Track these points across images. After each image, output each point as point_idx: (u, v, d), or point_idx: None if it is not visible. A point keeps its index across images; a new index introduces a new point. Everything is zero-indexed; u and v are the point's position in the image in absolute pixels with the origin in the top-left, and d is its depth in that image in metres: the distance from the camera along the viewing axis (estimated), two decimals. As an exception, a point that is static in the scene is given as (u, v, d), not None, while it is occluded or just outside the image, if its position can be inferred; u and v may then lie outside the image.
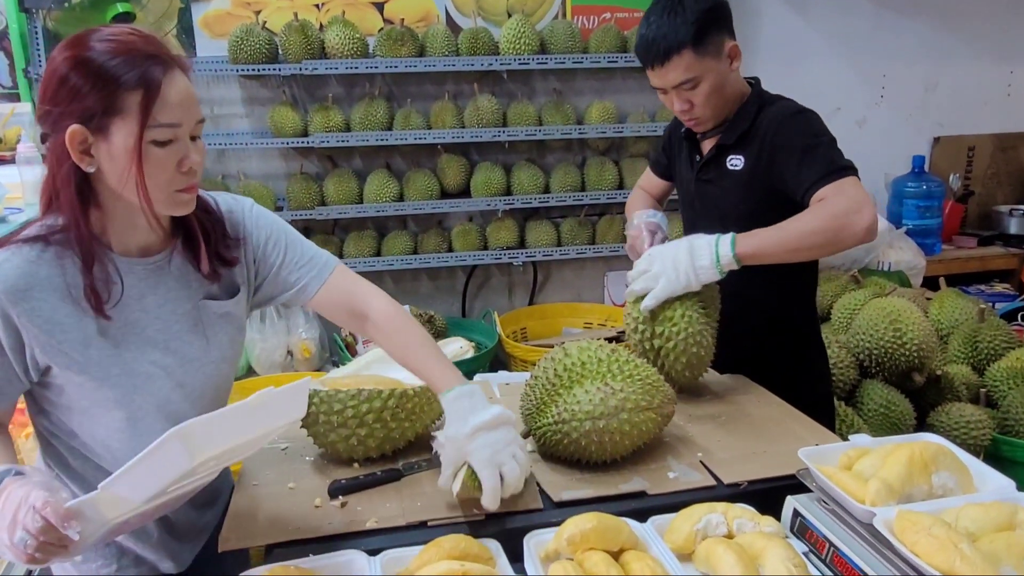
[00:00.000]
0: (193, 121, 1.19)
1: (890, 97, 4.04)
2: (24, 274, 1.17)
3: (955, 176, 4.11)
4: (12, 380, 1.21)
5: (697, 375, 1.65)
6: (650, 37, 1.63)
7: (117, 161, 1.15)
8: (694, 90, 1.66)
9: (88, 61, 1.12)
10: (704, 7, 1.61)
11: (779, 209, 1.63)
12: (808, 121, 1.67)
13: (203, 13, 3.26)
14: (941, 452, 1.16)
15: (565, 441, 1.34)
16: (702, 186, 1.83)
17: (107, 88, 1.11)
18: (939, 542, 0.95)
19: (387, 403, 1.37)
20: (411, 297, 3.68)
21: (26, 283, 1.16)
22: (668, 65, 1.63)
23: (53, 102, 1.14)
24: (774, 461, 1.39)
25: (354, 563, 1.14)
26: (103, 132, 1.13)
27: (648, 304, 1.57)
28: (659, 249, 1.61)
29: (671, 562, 1.11)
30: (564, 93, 3.61)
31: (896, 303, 2.62)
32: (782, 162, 1.65)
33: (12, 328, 1.16)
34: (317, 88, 3.41)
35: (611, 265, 3.89)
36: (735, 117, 1.74)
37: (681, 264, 1.55)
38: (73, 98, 1.12)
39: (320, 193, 3.37)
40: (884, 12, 3.91)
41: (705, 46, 1.62)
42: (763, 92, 1.78)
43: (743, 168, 1.73)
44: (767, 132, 1.68)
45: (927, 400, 2.67)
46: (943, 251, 3.93)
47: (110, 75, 1.11)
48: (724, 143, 1.75)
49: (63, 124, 1.13)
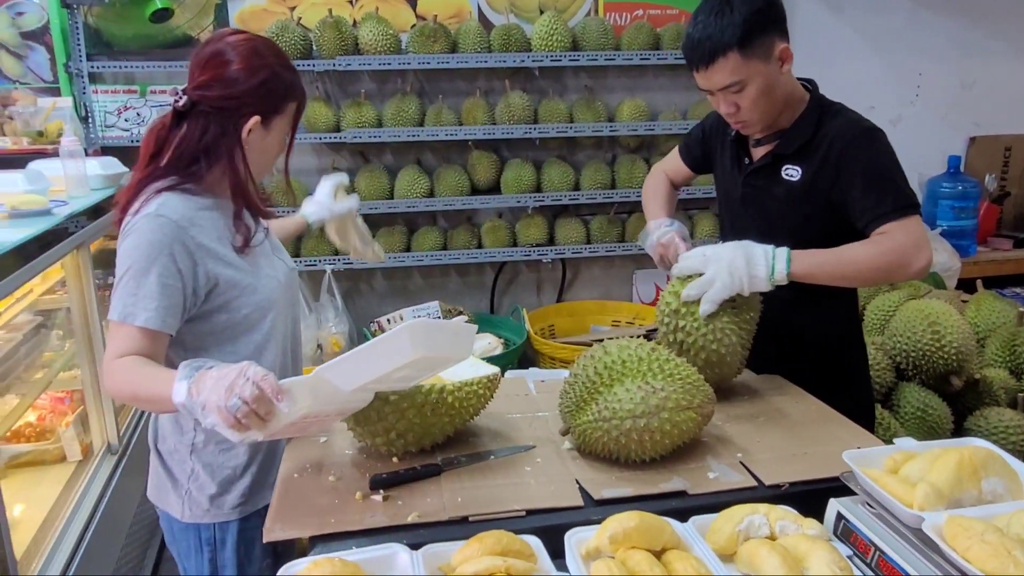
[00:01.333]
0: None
1: (925, 95, 3.98)
2: (187, 208, 1.45)
3: (991, 177, 4.04)
4: (184, 301, 1.42)
5: (722, 375, 1.62)
6: (696, 38, 1.58)
7: (267, 144, 1.53)
8: (740, 93, 1.60)
9: (276, 73, 1.48)
10: (753, 8, 1.54)
11: (830, 223, 1.63)
12: (880, 144, 1.62)
13: (239, 9, 3.30)
14: (991, 457, 1.14)
15: (605, 439, 1.34)
16: (750, 191, 1.78)
17: (281, 94, 1.50)
18: (992, 548, 0.94)
19: (428, 398, 1.38)
20: (440, 293, 3.69)
21: (189, 218, 1.44)
22: (713, 67, 1.57)
23: (248, 95, 1.46)
24: (815, 463, 1.37)
25: (396, 556, 1.14)
26: (267, 125, 1.50)
27: (706, 309, 1.55)
28: (714, 251, 1.58)
29: (714, 563, 1.10)
30: (595, 90, 3.60)
31: (934, 305, 2.58)
32: (847, 183, 1.61)
33: (187, 249, 1.42)
34: (350, 84, 3.43)
35: (640, 263, 3.88)
36: (794, 126, 1.69)
37: (737, 270, 1.53)
38: (262, 98, 1.47)
39: (351, 188, 3.38)
40: (919, 9, 3.85)
41: (752, 48, 1.55)
42: (823, 99, 1.71)
43: (800, 179, 1.68)
44: (833, 147, 1.63)
45: (964, 404, 2.63)
46: (978, 253, 3.87)
47: (289, 87, 1.51)
48: (781, 152, 1.70)
49: (248, 111, 1.46)
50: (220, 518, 1.53)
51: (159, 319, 1.38)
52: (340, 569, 1.07)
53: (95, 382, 2.41)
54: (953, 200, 3.79)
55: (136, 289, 1.37)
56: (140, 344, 1.36)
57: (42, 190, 2.19)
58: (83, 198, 2.32)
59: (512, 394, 1.74)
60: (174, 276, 1.40)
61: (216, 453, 1.52)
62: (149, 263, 1.38)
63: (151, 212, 1.41)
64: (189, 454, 1.53)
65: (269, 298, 1.54)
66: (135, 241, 1.40)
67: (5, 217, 2.00)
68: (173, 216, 1.42)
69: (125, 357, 1.34)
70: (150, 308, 1.37)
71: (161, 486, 1.58)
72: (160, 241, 1.39)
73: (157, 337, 1.39)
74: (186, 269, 1.42)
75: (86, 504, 2.22)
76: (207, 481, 1.52)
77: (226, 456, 1.53)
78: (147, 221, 1.40)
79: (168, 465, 1.56)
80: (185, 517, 1.54)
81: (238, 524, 1.53)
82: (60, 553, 1.99)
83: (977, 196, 3.83)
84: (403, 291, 3.73)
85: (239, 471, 1.54)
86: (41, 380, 2.33)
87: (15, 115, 3.00)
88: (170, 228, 1.41)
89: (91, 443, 2.46)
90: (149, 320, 1.37)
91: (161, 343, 1.40)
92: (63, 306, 2.48)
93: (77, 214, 2.14)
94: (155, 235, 1.39)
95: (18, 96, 3.11)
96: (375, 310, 3.60)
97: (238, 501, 1.54)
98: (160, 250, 1.39)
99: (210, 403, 1.12)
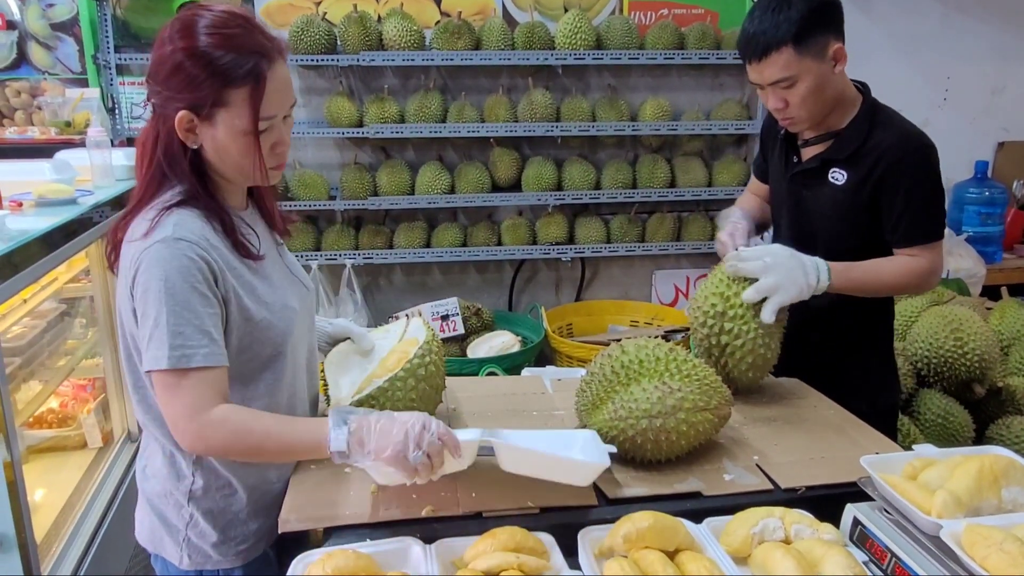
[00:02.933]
0: (288, 106, 1.30)
1: (954, 99, 3.93)
2: (199, 227, 1.26)
3: (1019, 183, 3.97)
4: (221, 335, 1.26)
5: (759, 377, 1.64)
6: (751, 31, 1.60)
7: (219, 145, 1.26)
8: (791, 89, 1.61)
9: (201, 54, 1.21)
10: (812, 5, 1.56)
11: (866, 230, 1.69)
12: (929, 166, 1.64)
13: (265, 3, 3.32)
14: (1012, 466, 1.13)
15: (621, 438, 1.34)
16: (796, 190, 1.79)
17: (218, 83, 1.21)
18: (1011, 558, 0.93)
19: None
20: (459, 289, 3.70)
21: (202, 233, 1.25)
22: (766, 61, 1.58)
23: (165, 86, 1.23)
24: (833, 468, 1.36)
25: (410, 550, 1.15)
26: (209, 120, 1.24)
27: (768, 316, 1.54)
28: (775, 259, 1.57)
29: (728, 564, 1.10)
30: (619, 89, 3.58)
31: (957, 311, 2.55)
32: (890, 196, 1.64)
33: (211, 269, 1.24)
34: (373, 79, 3.44)
35: (659, 264, 3.86)
36: (845, 132, 1.69)
37: (799, 280, 1.55)
38: (185, 87, 1.22)
39: (373, 183, 3.40)
40: (950, 12, 3.80)
41: (807, 45, 1.57)
42: (875, 103, 1.71)
43: (845, 183, 1.69)
44: (883, 157, 1.64)
45: (986, 412, 2.60)
46: (1004, 260, 3.81)
47: (221, 71, 1.21)
48: (831, 157, 1.71)
49: (173, 107, 1.23)
50: (224, 565, 1.39)
51: (220, 354, 1.22)
52: (353, 561, 1.08)
53: (116, 370, 2.44)
54: (980, 206, 3.74)
55: (181, 326, 1.19)
56: (217, 387, 1.21)
57: (68, 180, 2.22)
58: (108, 188, 2.35)
59: (529, 392, 1.74)
60: (212, 303, 1.24)
61: (217, 499, 1.36)
62: (186, 294, 1.20)
63: (168, 236, 1.22)
64: (187, 501, 1.35)
65: (284, 332, 1.36)
66: (156, 272, 1.20)
67: (32, 205, 2.03)
68: (192, 238, 1.23)
69: (219, 408, 1.19)
70: (207, 342, 1.20)
71: (155, 531, 1.40)
72: (187, 268, 1.21)
73: (224, 373, 1.23)
74: (210, 289, 1.24)
75: (106, 490, 2.25)
76: (207, 528, 1.36)
77: (227, 501, 1.37)
78: (164, 248, 1.21)
79: (161, 510, 1.38)
80: (184, 564, 1.38)
81: (242, 570, 1.40)
82: (80, 538, 2.02)
83: (1004, 202, 3.78)
84: (422, 287, 3.74)
85: (242, 515, 1.38)
86: (64, 367, 2.37)
87: (43, 105, 3.05)
88: (194, 251, 1.22)
89: (111, 430, 2.49)
90: (209, 357, 1.20)
91: (225, 381, 1.24)
92: (87, 294, 2.51)
93: (102, 204, 2.17)
94: (181, 261, 1.21)
95: (47, 87, 3.16)
96: (394, 305, 3.61)
97: (243, 546, 1.39)
98: (191, 276, 1.21)
99: (386, 453, 1.16)
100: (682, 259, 3.83)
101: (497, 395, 1.71)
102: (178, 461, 1.35)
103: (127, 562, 2.24)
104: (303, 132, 3.35)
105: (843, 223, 1.71)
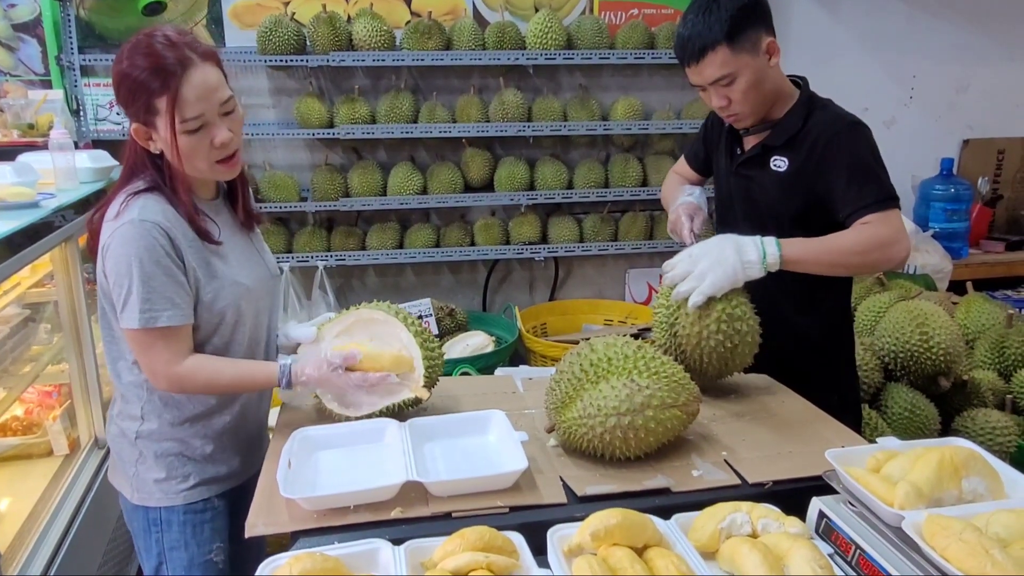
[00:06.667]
0: (216, 105, 1.45)
1: (919, 98, 3.99)
2: (162, 210, 1.47)
3: (984, 179, 4.04)
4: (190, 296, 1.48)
5: (730, 368, 1.63)
6: (686, 35, 1.66)
7: (166, 147, 1.46)
8: (731, 86, 1.66)
9: (128, 76, 1.41)
10: (739, 4, 1.61)
11: (815, 217, 1.66)
12: (863, 138, 1.66)
13: (233, 4, 3.28)
14: (972, 457, 1.15)
15: (590, 436, 1.34)
16: (740, 181, 1.83)
17: (143, 97, 1.41)
18: (970, 547, 0.94)
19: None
20: (432, 290, 3.69)
21: (164, 215, 1.46)
22: (703, 62, 1.64)
23: (121, 103, 1.47)
24: (799, 462, 1.38)
25: (379, 552, 1.14)
26: (154, 128, 1.45)
27: (696, 300, 1.54)
28: (700, 248, 1.59)
29: (695, 560, 1.10)
30: (590, 89, 3.59)
31: (923, 306, 2.58)
32: (831, 175, 1.66)
33: (172, 244, 1.45)
34: (344, 80, 3.42)
35: (633, 262, 3.88)
36: (784, 119, 1.74)
37: (728, 260, 1.54)
38: (128, 103, 1.45)
39: (344, 185, 3.38)
40: (916, 12, 3.85)
41: (740, 42, 1.62)
42: (813, 95, 1.77)
43: (786, 170, 1.73)
44: (818, 139, 1.68)
45: (952, 405, 2.64)
46: (970, 255, 3.88)
47: (143, 87, 1.41)
48: (770, 144, 1.75)
49: (130, 120, 1.47)
50: (165, 502, 1.57)
51: (182, 315, 1.46)
52: (321, 564, 1.07)
53: (82, 376, 2.40)
54: (946, 202, 3.80)
55: (148, 293, 1.42)
56: (185, 342, 1.48)
57: (30, 183, 2.17)
58: (72, 191, 2.30)
59: (500, 392, 1.74)
60: (173, 272, 1.45)
61: (163, 443, 1.57)
62: (151, 266, 1.42)
63: (134, 218, 1.43)
64: (135, 439, 1.57)
65: (228, 305, 1.54)
66: (127, 250, 1.42)
67: (-8, 209, 1.98)
68: (155, 218, 1.44)
69: (189, 359, 1.47)
70: (169, 306, 1.44)
71: (114, 466, 1.65)
72: (151, 245, 1.43)
73: (187, 331, 1.48)
74: (176, 265, 1.46)
75: (72, 499, 2.20)
76: (152, 465, 1.56)
77: (172, 444, 1.57)
78: (131, 227, 1.43)
79: (119, 448, 1.61)
80: (134, 499, 1.59)
81: (183, 508, 1.57)
82: (44, 548, 1.98)
83: (970, 199, 3.84)
84: (395, 288, 3.72)
85: (186, 460, 1.58)
86: (28, 374, 2.32)
87: (6, 107, 2.98)
88: (157, 231, 1.44)
89: (78, 438, 2.45)
90: (173, 318, 1.44)
91: (190, 336, 1.50)
92: (51, 299, 2.47)
93: (65, 207, 2.13)
94: (146, 239, 1.42)
95: (9, 88, 3.09)
96: (367, 307, 3.58)
97: (184, 487, 1.57)
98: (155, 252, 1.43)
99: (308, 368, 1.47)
100: (655, 257, 3.84)
101: (468, 395, 1.71)
102: (131, 404, 1.57)
103: (95, 570, 2.20)
104: (273, 133, 3.32)
105: (791, 213, 1.73)
